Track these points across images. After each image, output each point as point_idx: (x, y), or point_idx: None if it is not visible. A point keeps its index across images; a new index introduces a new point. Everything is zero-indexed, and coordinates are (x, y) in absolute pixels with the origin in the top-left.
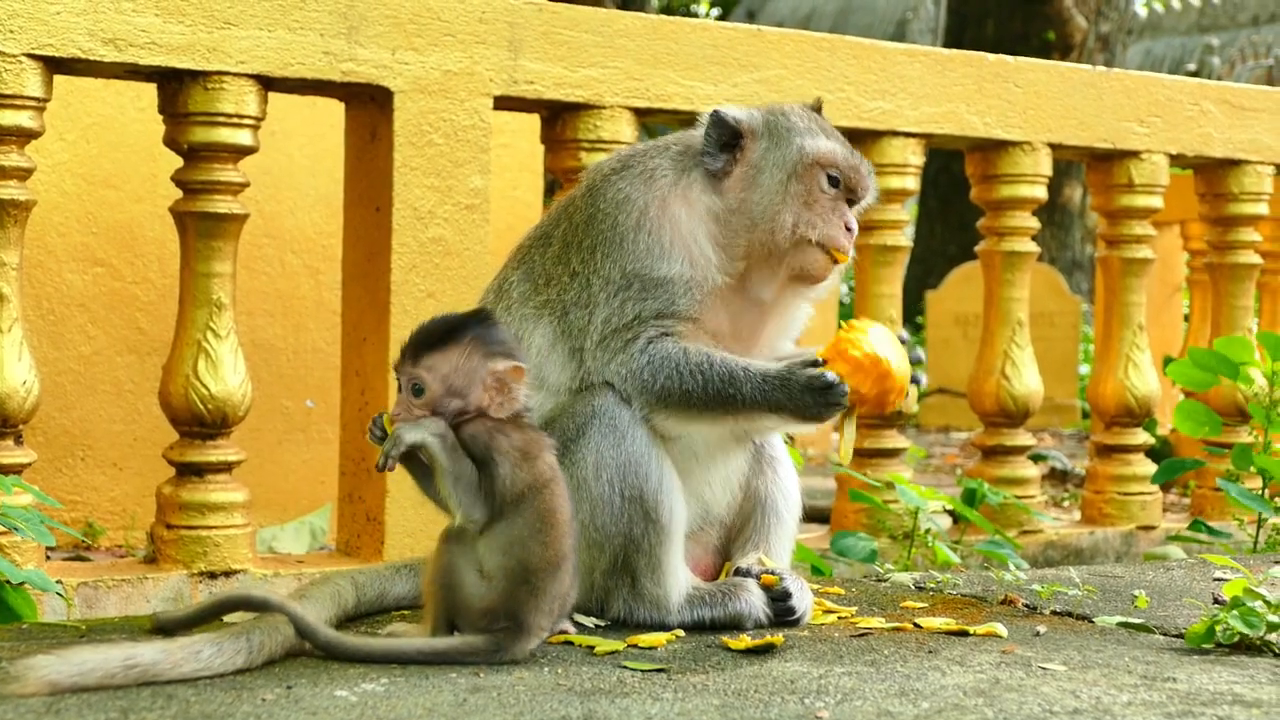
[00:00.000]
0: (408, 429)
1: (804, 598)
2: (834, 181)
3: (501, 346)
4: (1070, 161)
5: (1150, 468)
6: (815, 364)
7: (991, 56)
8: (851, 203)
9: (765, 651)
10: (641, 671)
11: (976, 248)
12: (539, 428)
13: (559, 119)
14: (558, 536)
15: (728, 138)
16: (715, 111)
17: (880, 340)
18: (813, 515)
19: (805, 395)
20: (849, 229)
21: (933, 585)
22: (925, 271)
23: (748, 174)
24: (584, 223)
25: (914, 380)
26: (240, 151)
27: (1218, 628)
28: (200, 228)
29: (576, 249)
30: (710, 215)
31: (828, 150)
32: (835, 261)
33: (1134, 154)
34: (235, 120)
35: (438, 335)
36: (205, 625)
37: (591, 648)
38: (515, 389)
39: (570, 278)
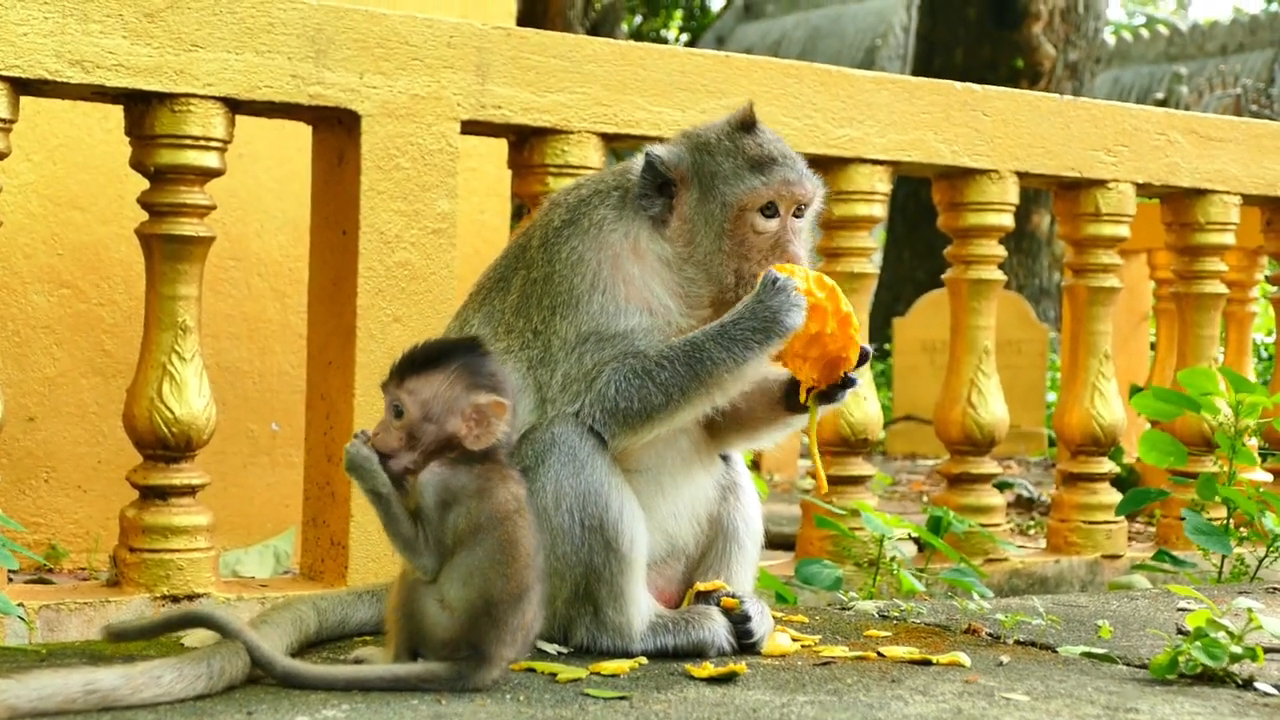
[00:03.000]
0: (356, 467)
1: (764, 622)
2: (770, 211)
3: (488, 379)
4: (1038, 189)
5: (1116, 497)
6: None
7: (960, 85)
8: (799, 213)
9: (728, 680)
10: (604, 699)
11: (944, 275)
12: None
13: (526, 144)
14: (519, 568)
15: (661, 181)
16: (647, 154)
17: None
18: (777, 542)
19: (766, 300)
20: (791, 261)
21: (897, 614)
22: (893, 298)
23: (684, 229)
24: (542, 280)
25: (864, 354)
26: (207, 174)
27: (1181, 658)
28: (166, 250)
29: (537, 306)
30: (663, 263)
31: (749, 191)
32: None
33: (1101, 183)
34: (202, 143)
35: (424, 359)
36: (162, 636)
37: (554, 675)
38: (495, 423)
39: (533, 334)
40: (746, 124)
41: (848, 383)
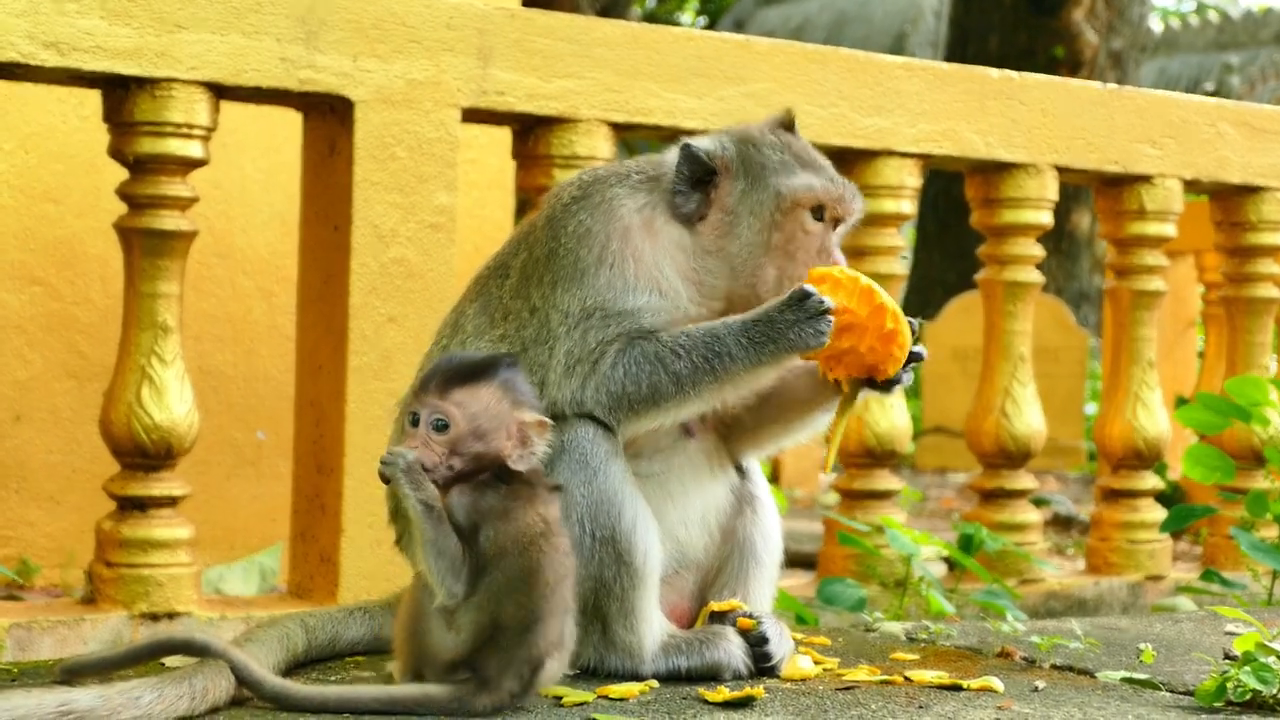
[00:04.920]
0: (408, 471)
1: (783, 644)
2: (818, 215)
3: (528, 397)
4: (1078, 185)
5: (1159, 514)
6: None
7: (995, 72)
8: (836, 224)
9: (744, 705)
10: None
11: (977, 276)
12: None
13: (531, 133)
14: (536, 596)
15: (701, 174)
16: (686, 145)
17: (856, 271)
18: (798, 561)
19: (786, 313)
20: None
21: (925, 636)
22: (922, 301)
23: (724, 220)
24: (544, 256)
25: (915, 356)
26: (190, 164)
27: (1229, 685)
28: (146, 245)
29: (537, 283)
30: (678, 248)
31: (805, 188)
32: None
33: (1146, 178)
34: (185, 130)
35: (470, 371)
36: (134, 669)
37: (559, 698)
38: (537, 444)
39: (530, 313)
40: (787, 124)
41: (892, 381)
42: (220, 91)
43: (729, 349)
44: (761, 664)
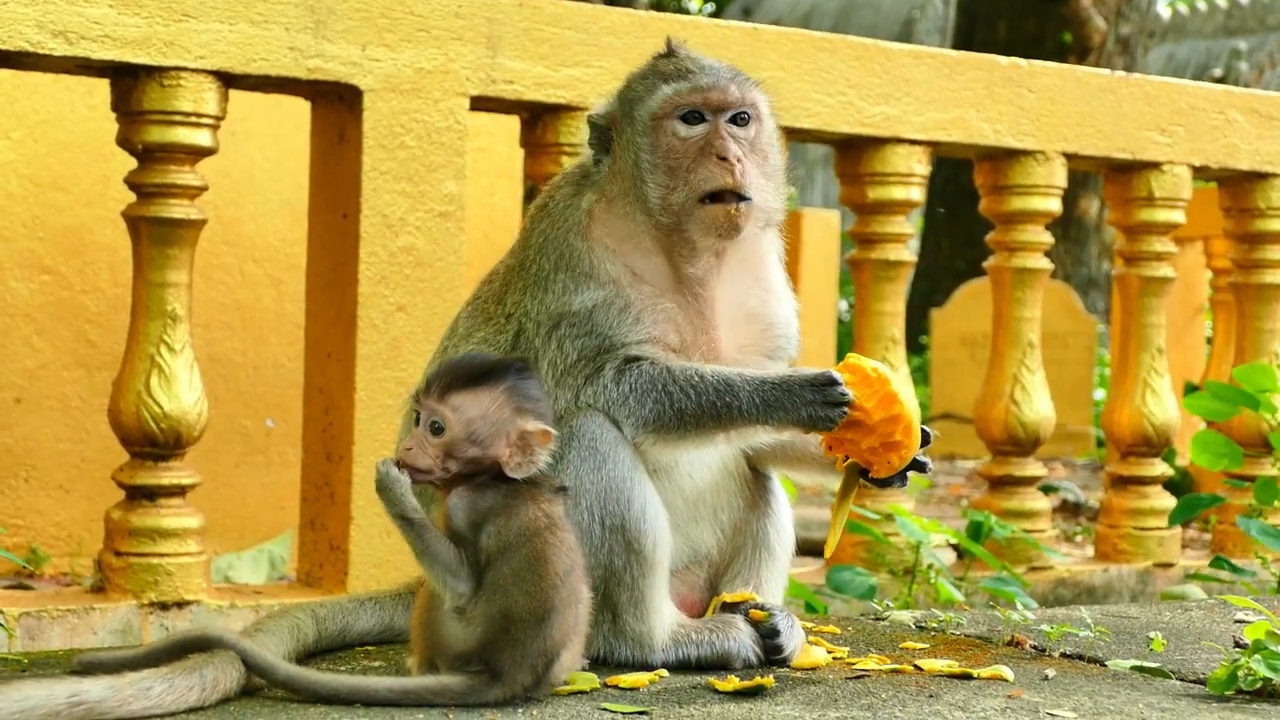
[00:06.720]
0: (385, 489)
1: (794, 635)
2: (692, 118)
3: (535, 405)
4: (1086, 172)
5: (1169, 501)
6: None
7: (1003, 59)
8: (739, 121)
9: (754, 694)
10: (622, 714)
11: (985, 263)
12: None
13: (540, 121)
14: (545, 587)
15: (603, 138)
16: (588, 116)
17: (890, 372)
18: (806, 548)
19: (805, 391)
20: (722, 157)
21: (934, 624)
22: (931, 288)
23: (616, 168)
24: (518, 266)
25: (918, 466)
26: (198, 153)
27: (1239, 673)
28: (155, 234)
29: (510, 289)
30: (614, 218)
31: (660, 100)
32: (737, 199)
33: (1154, 165)
34: (193, 119)
35: (471, 375)
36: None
37: (567, 684)
38: (539, 453)
39: (505, 319)
40: (665, 52)
41: (885, 481)
42: (229, 80)
43: (739, 402)
44: (772, 655)
